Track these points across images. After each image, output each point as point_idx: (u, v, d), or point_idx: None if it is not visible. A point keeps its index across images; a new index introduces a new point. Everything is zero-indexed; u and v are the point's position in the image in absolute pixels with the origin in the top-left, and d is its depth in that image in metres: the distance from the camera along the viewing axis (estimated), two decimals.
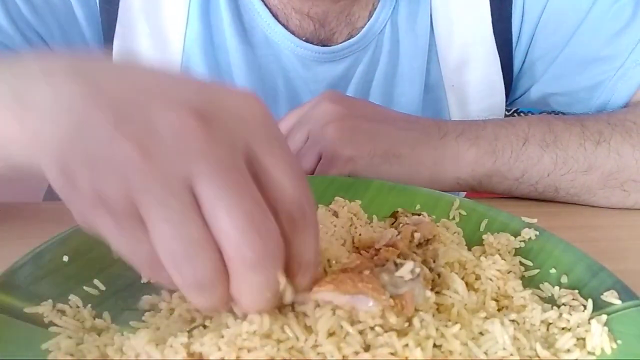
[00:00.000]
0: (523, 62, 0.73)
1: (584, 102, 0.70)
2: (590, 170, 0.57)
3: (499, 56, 0.70)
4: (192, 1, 0.65)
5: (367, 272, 0.32)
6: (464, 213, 0.50)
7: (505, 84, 0.72)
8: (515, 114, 1.79)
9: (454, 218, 0.49)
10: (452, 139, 0.58)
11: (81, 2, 0.63)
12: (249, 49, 0.67)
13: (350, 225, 0.46)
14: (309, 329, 0.31)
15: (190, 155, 0.28)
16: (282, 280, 0.30)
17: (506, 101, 0.75)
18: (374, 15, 0.68)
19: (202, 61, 0.66)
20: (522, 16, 0.70)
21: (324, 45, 0.68)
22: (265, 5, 0.67)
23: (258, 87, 0.67)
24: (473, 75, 0.71)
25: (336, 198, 0.50)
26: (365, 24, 0.68)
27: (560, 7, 0.68)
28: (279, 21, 0.67)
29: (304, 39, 0.67)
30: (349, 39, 0.68)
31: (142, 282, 0.40)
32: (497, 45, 0.70)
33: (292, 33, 0.67)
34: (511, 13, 0.69)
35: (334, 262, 0.39)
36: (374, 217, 0.49)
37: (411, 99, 0.70)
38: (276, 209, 0.30)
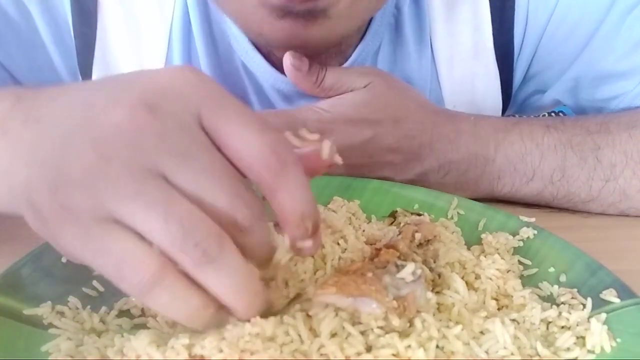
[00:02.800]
0: (526, 73, 0.70)
1: (600, 110, 0.66)
2: (591, 202, 0.57)
3: (499, 69, 0.67)
4: (174, 35, 0.61)
5: (369, 275, 0.32)
6: (462, 212, 0.50)
7: (503, 96, 0.69)
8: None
9: (452, 217, 0.50)
10: (451, 182, 0.56)
11: (49, 24, 0.59)
12: (223, 79, 0.61)
13: (349, 225, 0.46)
14: (312, 331, 0.31)
15: (151, 151, 0.28)
16: (275, 237, 0.31)
17: (505, 110, 0.72)
18: (365, 39, 0.62)
19: None
20: (525, 26, 0.66)
21: None
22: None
23: None
24: (473, 93, 0.68)
25: (334, 198, 0.50)
26: (356, 49, 0.62)
27: (569, 17, 0.63)
28: (259, 50, 0.60)
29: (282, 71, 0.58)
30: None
31: None
32: (497, 58, 0.67)
33: (273, 64, 0.60)
34: (513, 24, 0.65)
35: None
36: (373, 216, 0.50)
37: None
38: (250, 166, 0.30)
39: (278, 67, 0.59)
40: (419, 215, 0.45)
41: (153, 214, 0.27)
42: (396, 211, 0.47)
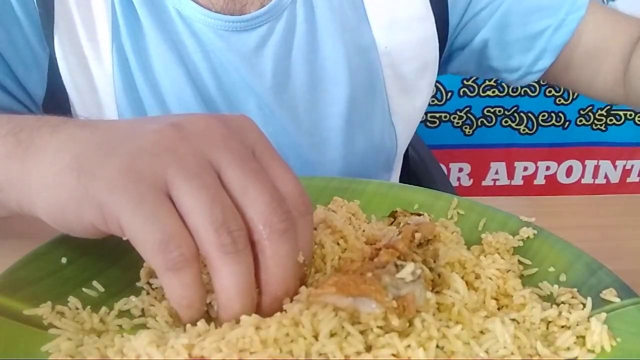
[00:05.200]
0: (462, 16, 0.72)
1: (521, 53, 0.71)
2: None
3: (433, 11, 0.70)
4: None
5: (369, 274, 0.32)
6: (462, 212, 0.50)
7: (440, 40, 0.72)
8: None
9: (452, 217, 0.49)
10: None
11: (19, 1, 0.61)
12: (163, 27, 0.65)
13: (349, 225, 0.46)
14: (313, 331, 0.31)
15: (216, 146, 0.34)
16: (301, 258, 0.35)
17: (441, 57, 0.74)
18: None
19: (129, 49, 0.64)
20: None
21: None
22: None
23: (178, 64, 0.65)
24: (406, 35, 0.70)
25: (334, 198, 0.50)
26: None
27: None
28: None
29: (213, 10, 0.65)
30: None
31: (139, 284, 0.40)
32: (431, 2, 0.69)
33: (203, 7, 0.65)
34: None
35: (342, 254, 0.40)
36: (373, 216, 0.50)
37: (336, 62, 0.69)
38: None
39: (205, 6, 0.65)
40: (419, 215, 0.45)
41: (204, 195, 0.32)
42: (396, 211, 0.47)
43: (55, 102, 0.66)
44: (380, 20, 0.70)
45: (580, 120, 1.81)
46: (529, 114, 1.79)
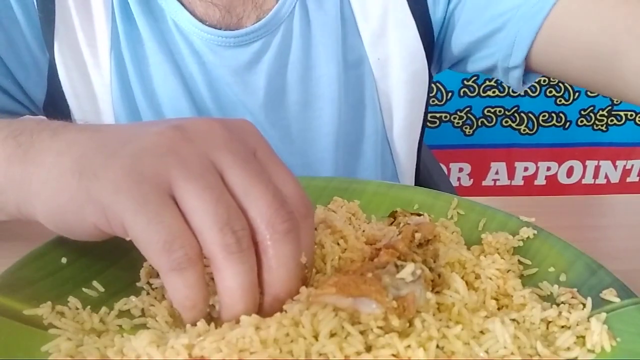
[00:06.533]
0: (443, 21, 0.71)
1: (488, 49, 0.67)
2: None
3: (415, 20, 0.69)
4: (115, 5, 0.64)
5: (369, 275, 0.32)
6: (462, 212, 0.50)
7: (426, 49, 0.71)
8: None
9: (452, 217, 0.49)
10: None
11: (19, 3, 0.62)
12: (160, 36, 0.65)
13: (349, 225, 0.46)
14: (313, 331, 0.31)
15: (218, 148, 0.34)
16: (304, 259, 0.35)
17: (431, 66, 0.73)
18: None
19: (127, 57, 0.65)
20: None
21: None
22: None
23: (175, 74, 0.65)
24: (394, 45, 0.70)
25: (334, 198, 0.51)
26: (273, 7, 0.66)
27: None
28: (185, 8, 0.65)
29: (207, 23, 0.65)
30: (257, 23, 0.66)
31: (139, 284, 0.40)
32: (411, 8, 0.68)
33: (200, 20, 0.65)
34: None
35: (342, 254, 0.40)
36: (373, 216, 0.50)
37: (330, 79, 0.69)
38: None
39: (201, 19, 0.65)
40: (419, 215, 0.45)
41: (208, 195, 0.32)
42: (396, 211, 0.47)
43: (56, 105, 0.66)
44: (370, 32, 0.69)
45: (581, 121, 1.81)
46: (530, 114, 1.79)
